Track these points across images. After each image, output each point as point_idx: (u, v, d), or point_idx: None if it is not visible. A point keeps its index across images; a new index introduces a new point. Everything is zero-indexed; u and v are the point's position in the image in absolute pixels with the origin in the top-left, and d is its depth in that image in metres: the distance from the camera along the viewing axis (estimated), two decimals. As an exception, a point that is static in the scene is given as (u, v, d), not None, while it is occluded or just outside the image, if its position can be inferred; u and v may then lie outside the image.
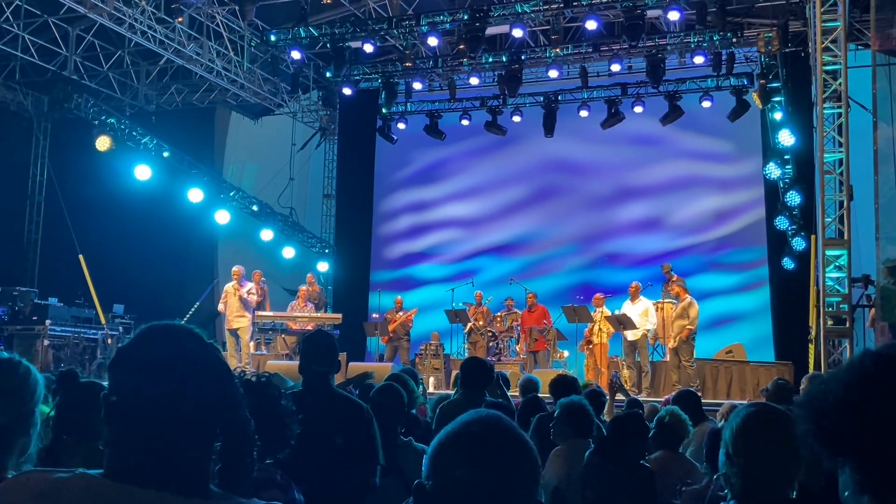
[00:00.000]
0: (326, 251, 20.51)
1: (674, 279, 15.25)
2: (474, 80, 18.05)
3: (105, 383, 1.82)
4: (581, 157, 18.84)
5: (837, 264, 10.97)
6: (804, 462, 2.52)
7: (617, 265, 18.16)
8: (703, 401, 7.12)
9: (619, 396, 7.56)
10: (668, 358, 14.91)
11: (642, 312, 14.23)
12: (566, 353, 15.60)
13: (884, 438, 0.95)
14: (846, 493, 0.98)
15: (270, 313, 15.68)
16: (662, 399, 10.06)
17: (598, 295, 14.87)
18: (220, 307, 14.63)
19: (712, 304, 16.39)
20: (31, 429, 2.24)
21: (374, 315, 17.75)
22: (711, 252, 17.87)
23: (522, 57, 16.98)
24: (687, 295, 13.92)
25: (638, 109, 17.45)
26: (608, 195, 18.72)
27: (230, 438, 1.56)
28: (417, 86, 18.41)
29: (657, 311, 14.82)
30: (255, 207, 18.85)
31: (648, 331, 14.25)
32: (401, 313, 16.28)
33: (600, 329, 14.40)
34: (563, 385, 6.51)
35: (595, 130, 17.67)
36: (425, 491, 1.57)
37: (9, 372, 2.28)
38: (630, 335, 14.08)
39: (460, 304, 16.47)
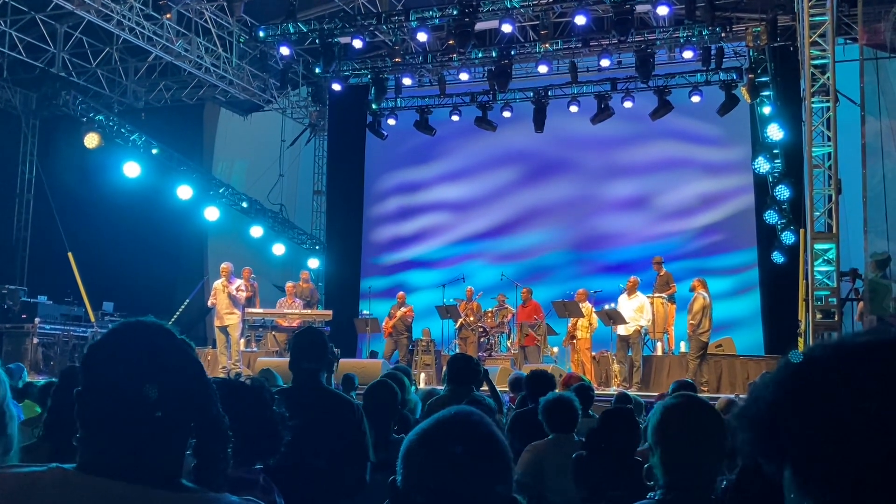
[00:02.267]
0: (317, 248, 20.49)
1: (662, 273, 15.31)
2: (464, 76, 18.06)
3: None
4: (568, 142, 18.87)
5: (826, 258, 10.99)
6: (728, 455, 2.53)
7: (609, 258, 18.23)
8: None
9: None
10: (658, 352, 15.00)
11: (638, 308, 14.22)
12: (556, 350, 15.62)
13: (814, 439, 0.96)
14: (791, 496, 0.99)
15: (260, 310, 15.65)
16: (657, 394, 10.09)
17: (581, 290, 14.92)
18: (211, 301, 14.60)
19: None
20: (6, 427, 2.18)
21: (364, 312, 17.74)
22: (700, 242, 17.97)
23: (512, 52, 16.99)
24: (700, 290, 13.83)
25: (627, 104, 17.48)
26: (597, 185, 18.82)
27: (203, 434, 1.57)
28: (407, 81, 18.41)
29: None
30: (244, 204, 18.81)
31: (643, 326, 14.24)
32: (403, 308, 16.30)
33: (588, 324, 14.45)
34: (537, 380, 6.50)
35: (584, 120, 17.74)
36: (398, 487, 1.59)
37: None
38: (622, 330, 14.09)
39: (451, 300, 16.47)
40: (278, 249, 19.45)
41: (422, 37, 16.11)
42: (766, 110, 15.61)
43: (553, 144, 18.71)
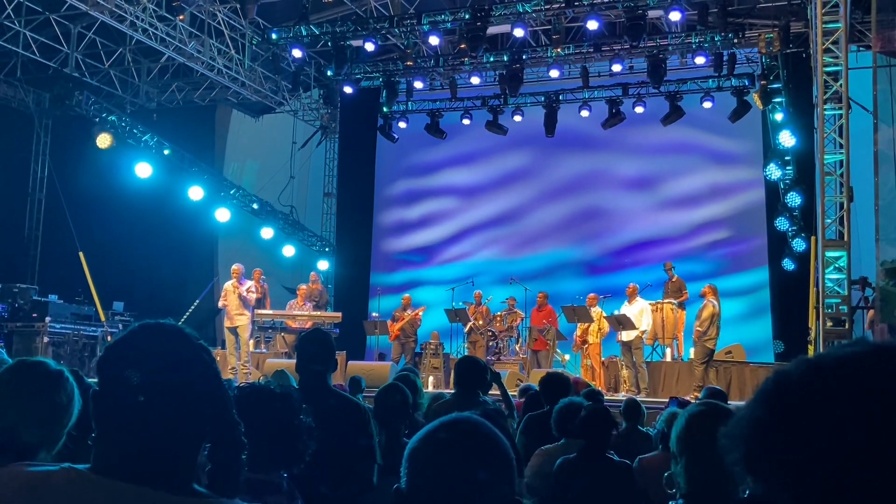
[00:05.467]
0: (327, 250, 20.52)
1: (675, 279, 15.29)
2: (475, 80, 18.07)
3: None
4: (585, 148, 18.87)
5: (837, 266, 10.96)
6: None
7: (620, 265, 18.21)
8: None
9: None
10: (667, 358, 14.96)
11: (638, 313, 14.19)
12: (567, 357, 15.59)
13: (797, 456, 0.95)
14: None
15: (270, 311, 15.68)
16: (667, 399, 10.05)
17: (591, 295, 14.89)
18: (221, 303, 14.64)
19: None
20: (58, 444, 2.19)
21: (373, 314, 17.74)
22: (712, 253, 17.92)
23: (523, 56, 16.99)
24: (710, 297, 13.76)
25: (639, 110, 17.47)
26: (612, 191, 18.80)
27: (217, 439, 1.57)
28: (418, 85, 18.42)
29: (657, 311, 14.82)
30: (255, 205, 18.86)
31: (644, 332, 14.19)
32: (408, 311, 16.28)
33: (599, 329, 14.43)
34: (552, 383, 6.48)
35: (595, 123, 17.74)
36: (402, 494, 1.58)
37: (39, 384, 2.19)
38: (624, 335, 14.04)
39: (460, 304, 16.46)
40: (288, 251, 19.50)
41: (434, 40, 16.13)
42: (779, 117, 15.57)
43: (561, 136, 18.51)
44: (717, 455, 2.50)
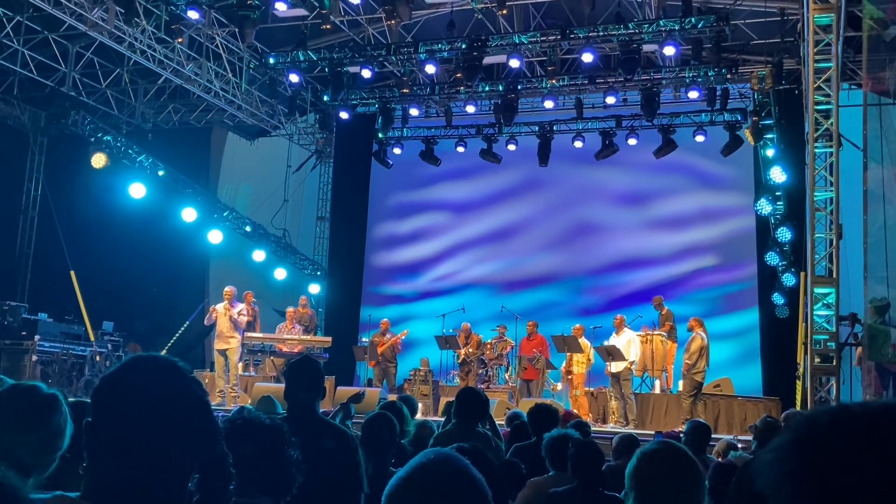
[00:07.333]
0: (318, 273, 20.52)
1: (664, 312, 15.32)
2: (470, 108, 18.18)
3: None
4: (575, 178, 18.97)
5: (826, 302, 11.02)
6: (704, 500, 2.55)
7: (610, 299, 18.24)
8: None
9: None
10: (656, 390, 14.98)
11: (626, 344, 14.22)
12: (559, 386, 15.59)
13: (814, 489, 1.00)
14: None
15: (260, 335, 15.65)
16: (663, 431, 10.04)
17: (577, 326, 14.94)
18: (207, 320, 14.58)
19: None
20: (50, 467, 2.22)
21: (363, 339, 17.72)
22: (701, 283, 17.97)
23: (519, 87, 17.13)
24: (697, 330, 13.79)
25: (632, 142, 17.60)
26: (600, 219, 18.88)
27: (206, 470, 1.61)
28: (414, 112, 18.54)
29: (647, 342, 14.85)
30: (248, 228, 18.87)
31: (633, 363, 14.22)
32: (388, 336, 16.24)
33: (589, 359, 14.47)
34: (541, 414, 6.48)
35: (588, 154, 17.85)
36: None
37: (36, 409, 2.24)
38: (613, 367, 14.07)
39: (450, 331, 16.46)
40: (280, 274, 19.49)
41: (430, 69, 16.25)
42: (770, 153, 15.68)
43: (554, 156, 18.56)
44: (666, 493, 2.53)
